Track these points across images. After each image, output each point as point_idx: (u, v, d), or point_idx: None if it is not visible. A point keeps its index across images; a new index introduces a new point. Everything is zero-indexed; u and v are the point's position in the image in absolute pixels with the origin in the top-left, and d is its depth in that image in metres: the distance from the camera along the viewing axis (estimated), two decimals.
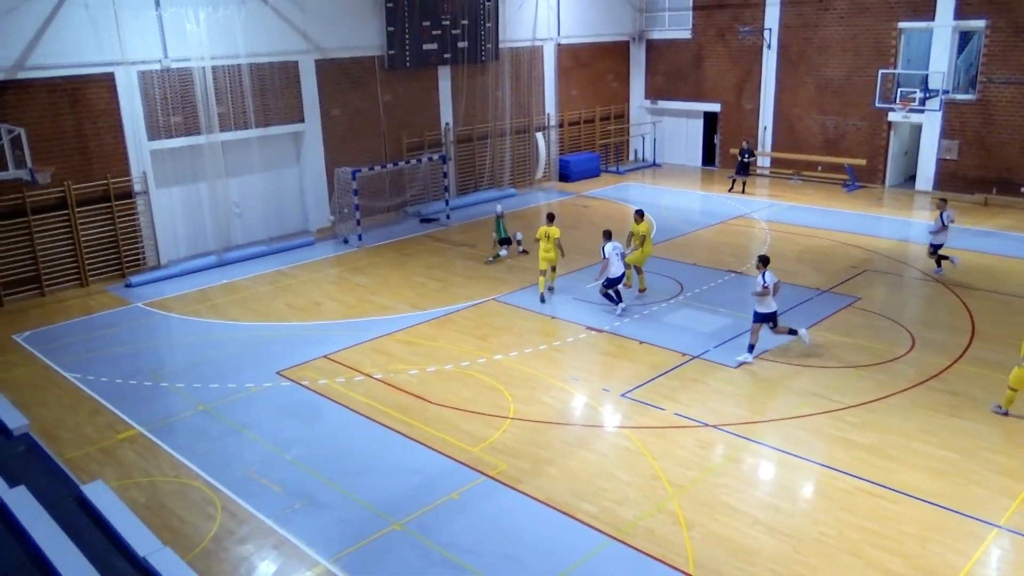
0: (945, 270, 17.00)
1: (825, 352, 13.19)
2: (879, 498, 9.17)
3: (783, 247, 19.48)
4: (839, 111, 25.85)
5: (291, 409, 11.67)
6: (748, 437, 10.60)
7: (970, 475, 9.60)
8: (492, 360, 13.12)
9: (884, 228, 21.10)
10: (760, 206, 23.55)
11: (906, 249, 19.39)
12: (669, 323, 14.66)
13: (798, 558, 8.18)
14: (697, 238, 20.35)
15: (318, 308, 15.97)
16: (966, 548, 8.28)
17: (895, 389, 11.83)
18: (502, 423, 11.09)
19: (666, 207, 23.66)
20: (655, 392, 11.89)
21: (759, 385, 12.13)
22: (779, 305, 15.30)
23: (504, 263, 18.57)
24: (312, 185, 21.57)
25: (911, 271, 17.65)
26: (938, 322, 14.63)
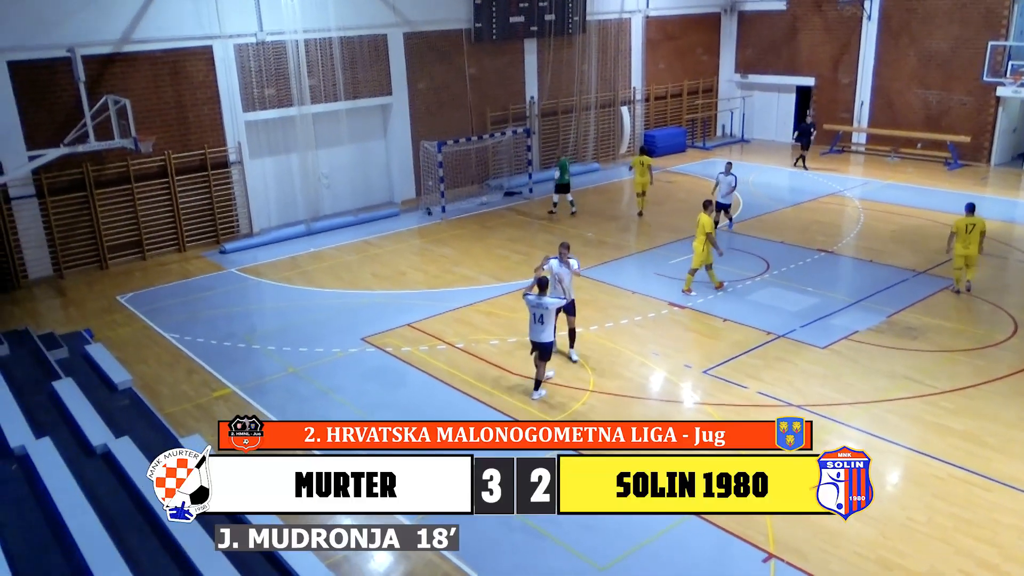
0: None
1: (920, 335, 12.70)
2: (974, 486, 8.84)
3: (877, 226, 18.76)
4: (943, 85, 24.56)
5: (376, 374, 11.95)
6: (834, 419, 10.34)
7: None
8: None
9: (988, 208, 19.97)
10: (854, 184, 22.68)
11: (1011, 230, 18.38)
12: (754, 301, 14.36)
13: (884, 542, 7.98)
14: (785, 216, 19.77)
15: (402, 277, 16.27)
16: None
17: (994, 375, 11.32)
18: (582, 395, 11.12)
19: (754, 183, 23.03)
20: (738, 370, 11.72)
21: (848, 367, 11.79)
22: (873, 285, 14.82)
23: (584, 237, 18.51)
24: (398, 157, 21.91)
25: (1015, 253, 16.74)
26: None
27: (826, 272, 15.85)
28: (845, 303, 14.09)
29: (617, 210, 21.36)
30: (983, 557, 7.75)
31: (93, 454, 9.32)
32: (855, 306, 13.95)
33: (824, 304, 14.07)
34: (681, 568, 7.77)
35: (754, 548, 7.93)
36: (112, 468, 9.02)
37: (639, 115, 27.10)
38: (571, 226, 19.44)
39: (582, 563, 7.85)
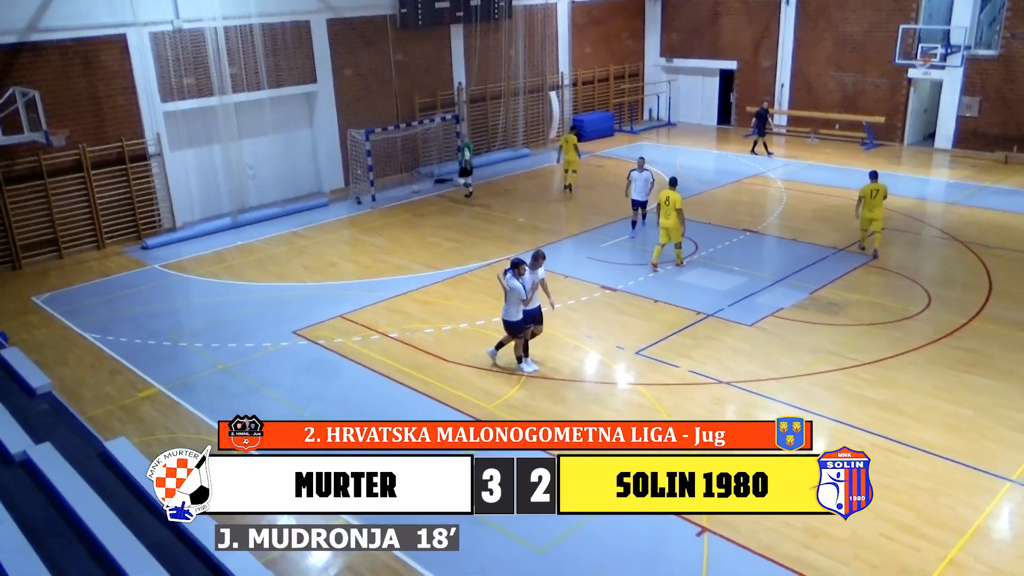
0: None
1: (841, 310, 13.18)
2: (892, 453, 9.25)
3: (800, 206, 19.33)
4: (858, 68, 25.42)
5: (309, 367, 11.81)
6: (762, 394, 10.66)
7: (984, 431, 9.66)
8: None
9: (902, 186, 20.85)
10: (776, 165, 23.32)
11: (923, 207, 19.21)
12: (684, 282, 14.66)
13: None
14: (712, 197, 20.21)
15: (333, 268, 16.06)
16: (978, 502, 8.35)
17: (910, 346, 11.84)
18: (518, 380, 11.19)
19: (681, 166, 23.45)
20: (669, 350, 11.96)
21: (774, 343, 12.15)
22: (796, 263, 15.30)
23: (516, 223, 18.57)
24: (325, 146, 21.54)
25: (929, 230, 17.51)
26: (955, 280, 14.56)
27: (752, 251, 16.29)
28: (770, 281, 14.51)
29: (548, 195, 21.48)
30: (901, 520, 8.13)
31: (12, 463, 8.93)
32: (780, 284, 14.39)
33: (750, 283, 14.46)
34: (618, 546, 7.92)
35: (688, 523, 8.14)
36: (32, 476, 8.66)
37: (567, 100, 27.26)
38: (503, 211, 19.47)
39: (520, 546, 7.92)
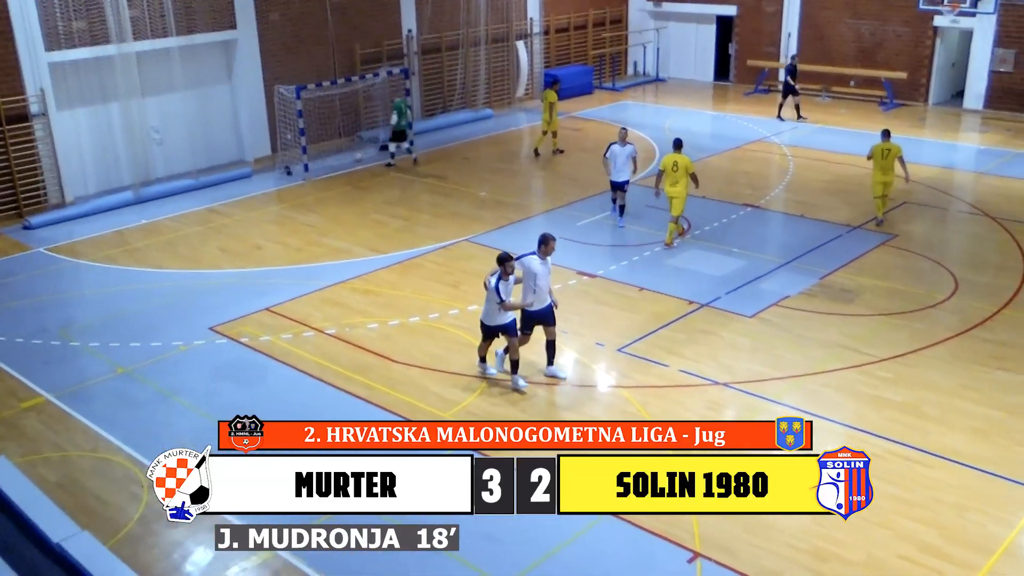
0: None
1: (856, 298, 13.41)
2: (914, 463, 9.46)
3: (809, 176, 19.61)
4: (877, 15, 25.78)
5: (229, 371, 11.74)
6: (765, 396, 10.83)
7: (1017, 435, 9.92)
8: (466, 311, 13.22)
9: (927, 153, 21.22)
10: (782, 128, 23.61)
11: (950, 178, 19.58)
12: (674, 266, 14.79)
13: (819, 531, 8.45)
14: (707, 166, 20.38)
15: (258, 252, 15.95)
16: (1009, 517, 8.58)
17: (934, 339, 12.10)
18: (478, 384, 11.23)
19: (671, 130, 23.61)
20: (657, 346, 12.07)
21: (779, 337, 12.34)
22: (804, 244, 15.52)
23: (476, 197, 18.58)
24: (248, 106, 21.31)
25: (957, 204, 17.86)
26: (986, 262, 14.89)
27: (753, 230, 16.50)
28: (774, 265, 14.72)
29: (515, 164, 21.51)
30: (925, 540, 8.32)
31: None
32: (785, 268, 14.59)
33: (751, 267, 14.65)
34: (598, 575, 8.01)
35: (678, 547, 8.25)
36: None
37: (538, 51, 27.25)
38: (461, 183, 19.47)
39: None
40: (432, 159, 21.56)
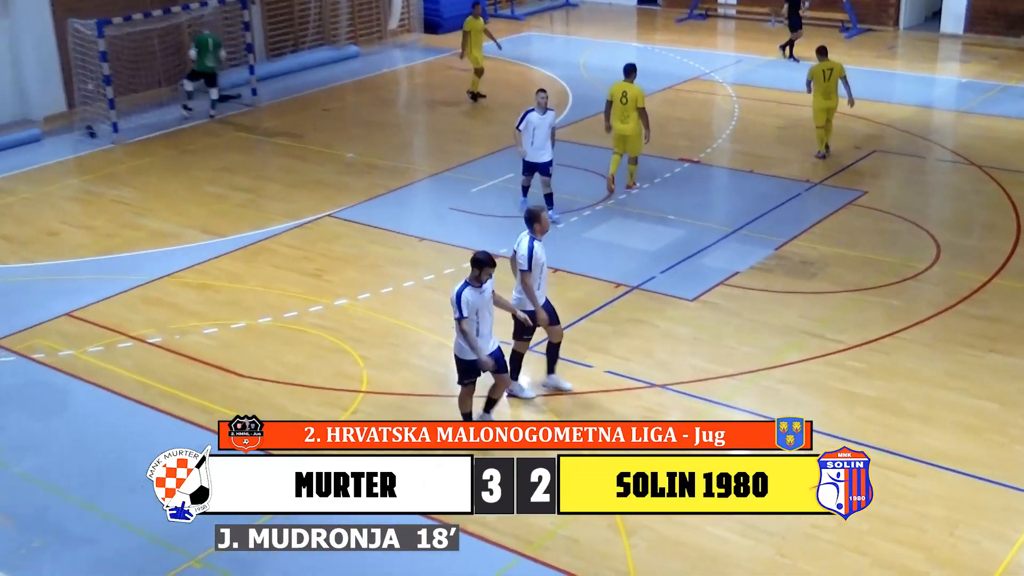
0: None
1: (819, 272, 13.81)
2: (893, 471, 9.79)
3: (758, 121, 20.09)
4: None
5: (19, 397, 11.50)
6: (712, 399, 11.05)
7: (1014, 431, 10.38)
8: (332, 307, 13.17)
9: (898, 89, 22.04)
10: (725, 62, 24.09)
11: (927, 119, 20.32)
12: (595, 240, 14.96)
13: (783, 562, 8.69)
14: None
15: (53, 240, 15.60)
16: (1008, 531, 8.96)
17: (914, 319, 12.54)
18: (351, 401, 11.19)
19: (587, 67, 23.85)
20: (577, 342, 12.17)
21: (727, 324, 12.61)
22: (755, 207, 15.90)
23: (342, 160, 18.47)
24: (33, 48, 20.65)
25: (936, 150, 18.55)
26: (973, 221, 15.54)
27: (693, 191, 16.81)
28: (719, 234, 15.03)
29: (390, 116, 21.43)
30: (908, 566, 8.62)
31: None
32: (733, 237, 14.91)
33: (691, 237, 14.91)
34: None
35: None
36: None
37: None
38: (321, 143, 19.32)
39: None
40: (282, 112, 21.27)
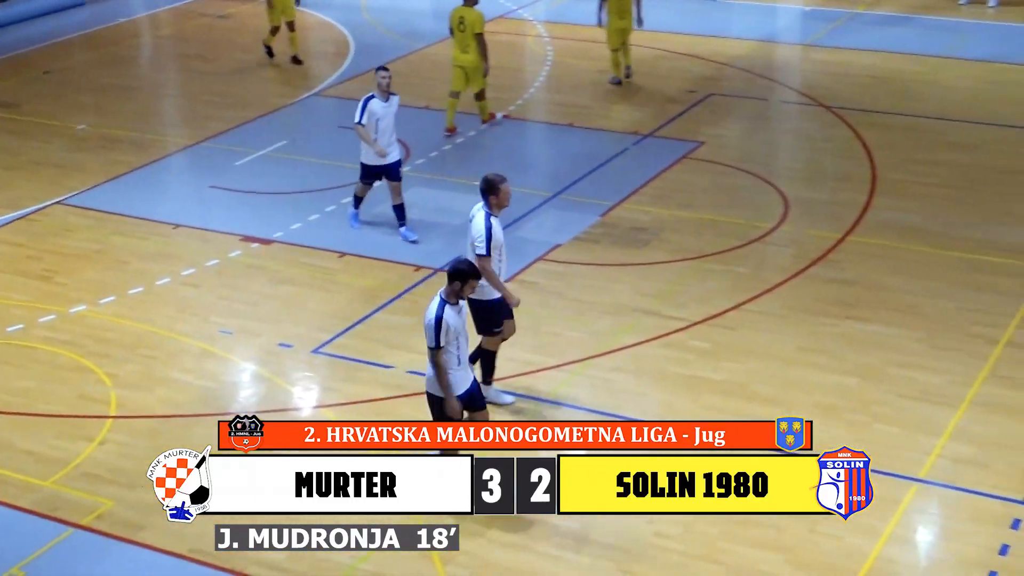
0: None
1: (653, 239, 14.16)
2: None
3: (574, 65, 20.44)
4: None
5: None
6: (535, 396, 11.19)
7: (876, 407, 10.87)
8: (68, 316, 12.89)
9: (736, 22, 22.71)
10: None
11: (769, 54, 21.04)
12: (384, 215, 14.94)
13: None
14: (427, 61, 20.83)
15: None
16: (872, 522, 9.31)
17: (762, 287, 12.99)
18: (98, 429, 10.96)
19: (369, 10, 23.77)
20: (373, 339, 12.24)
21: (548, 306, 12.81)
22: (576, 167, 16.17)
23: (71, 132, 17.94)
24: None
25: (780, 91, 19.25)
26: (823, 171, 16.20)
27: (502, 151, 17.01)
28: (536, 201, 15.24)
29: (127, 77, 20.92)
30: (767, 570, 8.94)
31: None
32: (552, 204, 15.15)
33: None
34: None
35: None
36: None
37: None
38: (45, 113, 18.78)
39: None
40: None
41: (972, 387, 11.08)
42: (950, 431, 10.46)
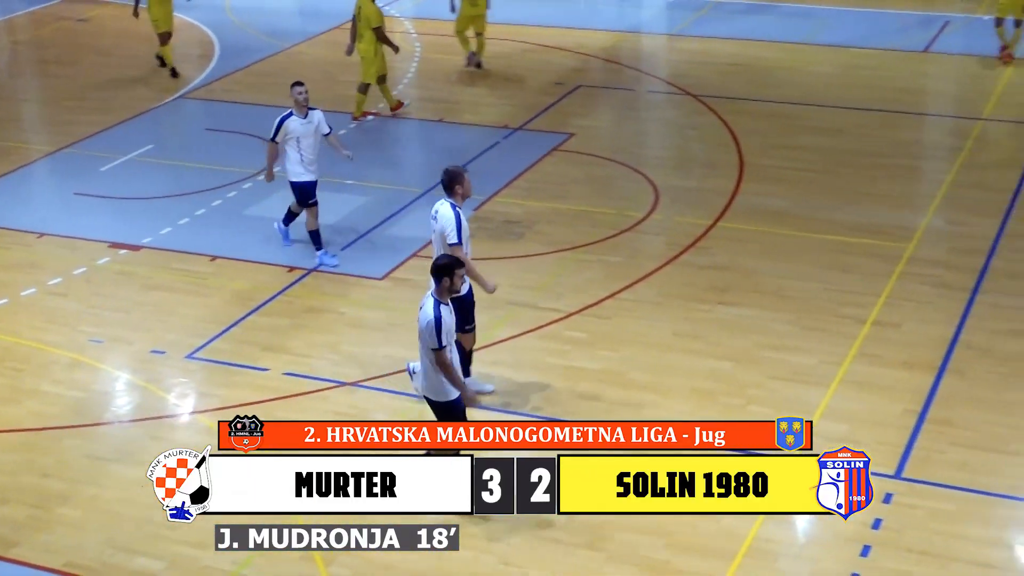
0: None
1: (526, 231, 14.24)
2: None
3: (442, 60, 20.43)
4: None
5: None
6: (415, 393, 11.09)
7: (752, 390, 11.08)
8: None
9: (601, 14, 22.91)
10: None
11: (636, 45, 21.28)
12: (259, 217, 14.89)
13: (509, 571, 8.92)
14: (294, 60, 20.62)
15: None
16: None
17: (636, 275, 13.14)
18: None
19: (234, 10, 23.50)
20: (247, 342, 12.14)
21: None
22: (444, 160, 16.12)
23: None
24: None
25: (647, 81, 19.46)
26: (692, 159, 16.50)
27: (373, 149, 16.95)
28: (408, 197, 15.23)
29: None
30: (648, 555, 9.03)
31: None
32: (424, 200, 15.07)
33: (375, 205, 15.07)
34: None
35: None
36: None
37: None
38: None
39: None
40: None
41: (842, 366, 11.34)
42: (822, 410, 10.70)
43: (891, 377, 11.16)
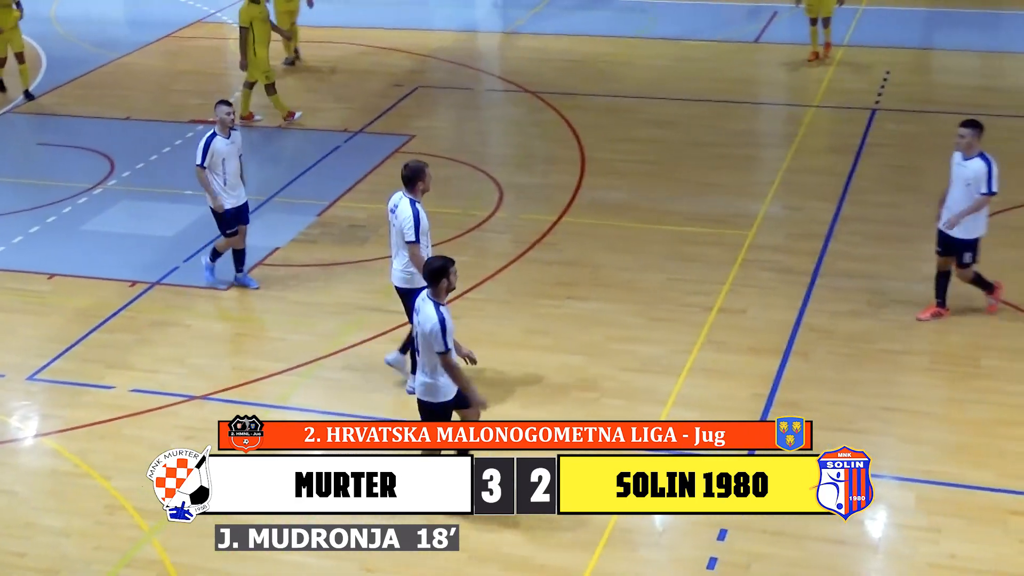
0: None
1: (372, 235, 14.19)
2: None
3: (275, 66, 20.15)
4: None
5: None
6: (266, 403, 11.04)
7: (603, 383, 11.23)
8: None
9: (435, 14, 22.98)
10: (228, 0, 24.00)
11: (473, 44, 21.38)
12: (98, 232, 14.66)
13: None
14: (123, 70, 20.25)
15: None
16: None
17: (483, 274, 13.21)
18: None
19: (60, 21, 22.98)
20: (91, 360, 11.92)
21: (272, 312, 12.78)
22: (287, 168, 16.06)
23: None
24: None
25: (484, 79, 19.58)
26: (533, 156, 16.65)
27: None
28: (252, 204, 14.80)
29: None
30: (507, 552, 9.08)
31: None
32: (267, 207, 15.01)
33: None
34: None
35: None
36: None
37: None
38: None
39: None
40: None
41: (691, 354, 11.57)
42: (673, 399, 10.90)
43: (739, 363, 11.42)
